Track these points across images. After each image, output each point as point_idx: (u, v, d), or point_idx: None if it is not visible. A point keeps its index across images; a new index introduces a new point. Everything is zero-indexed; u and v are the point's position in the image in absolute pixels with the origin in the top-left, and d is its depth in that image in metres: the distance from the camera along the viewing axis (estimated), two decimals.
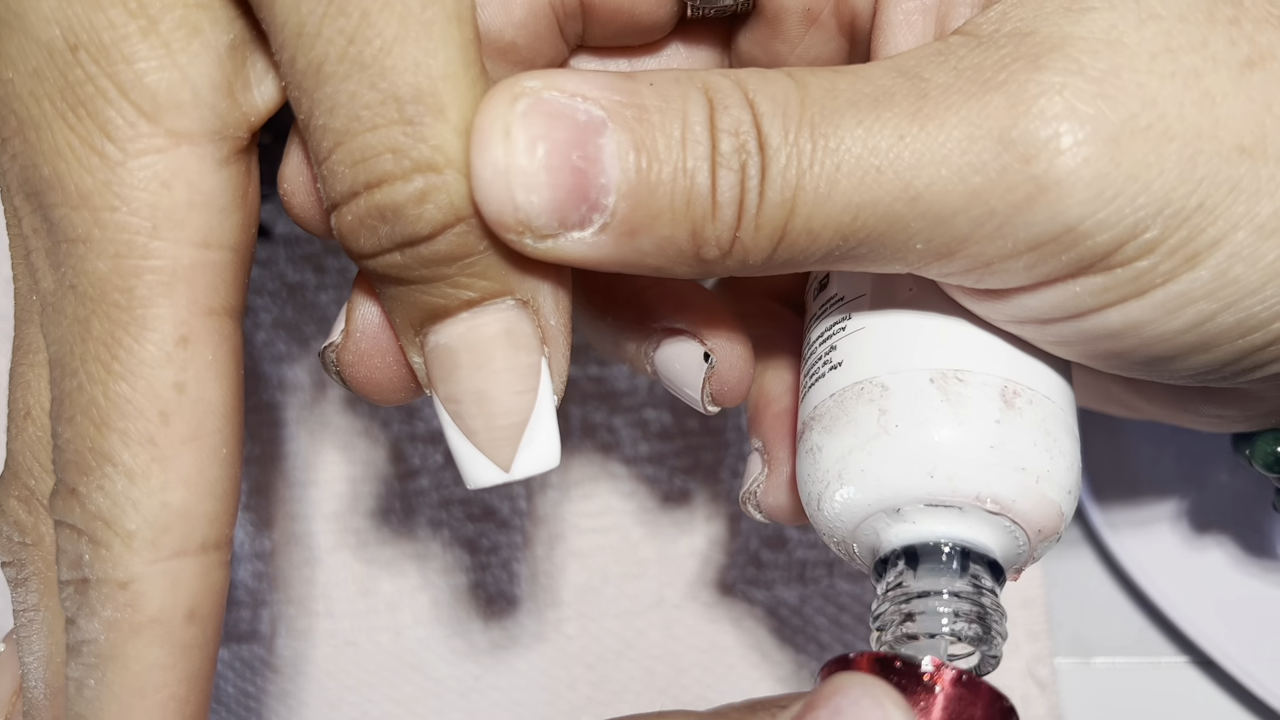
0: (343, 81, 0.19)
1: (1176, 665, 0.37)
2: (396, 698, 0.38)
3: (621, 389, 0.37)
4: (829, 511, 0.23)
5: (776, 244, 0.20)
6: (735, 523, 0.38)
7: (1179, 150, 0.19)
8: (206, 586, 0.21)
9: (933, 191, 0.19)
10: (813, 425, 0.23)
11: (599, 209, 0.19)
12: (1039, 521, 0.22)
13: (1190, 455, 0.37)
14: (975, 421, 0.21)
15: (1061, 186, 0.18)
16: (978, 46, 0.19)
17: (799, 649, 0.38)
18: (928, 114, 0.19)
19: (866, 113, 0.19)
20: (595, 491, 0.38)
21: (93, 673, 0.21)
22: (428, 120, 0.19)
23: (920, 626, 0.22)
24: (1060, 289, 0.20)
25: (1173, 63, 0.19)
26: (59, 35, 0.20)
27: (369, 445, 0.38)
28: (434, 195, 0.19)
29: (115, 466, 0.20)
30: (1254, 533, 0.36)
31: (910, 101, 0.19)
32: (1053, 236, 0.19)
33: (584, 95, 0.19)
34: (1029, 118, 0.18)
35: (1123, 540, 0.36)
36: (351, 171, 0.19)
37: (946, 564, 0.22)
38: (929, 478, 0.21)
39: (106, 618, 0.20)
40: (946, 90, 0.19)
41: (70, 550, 0.21)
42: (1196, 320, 0.20)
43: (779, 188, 0.19)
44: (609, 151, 0.19)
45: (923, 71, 0.19)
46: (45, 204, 0.21)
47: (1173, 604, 0.36)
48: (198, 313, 0.21)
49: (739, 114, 0.19)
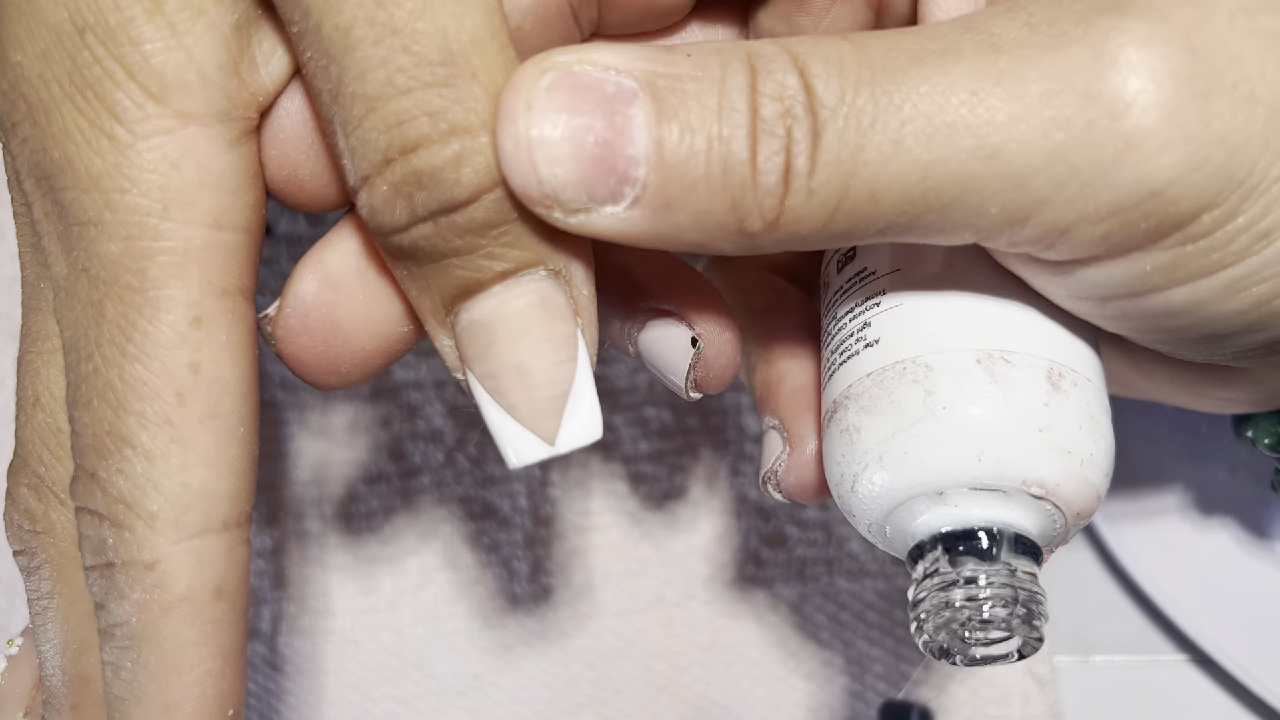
0: (374, 46, 0.19)
1: (1176, 663, 0.37)
2: (397, 695, 0.38)
3: (621, 387, 0.37)
4: (864, 493, 0.22)
5: (833, 212, 0.19)
6: (735, 520, 0.38)
7: (1266, 115, 0.18)
8: (231, 563, 0.21)
9: (1011, 148, 0.18)
10: (848, 405, 0.23)
11: (629, 181, 0.18)
12: (1079, 505, 0.22)
13: (1190, 454, 0.37)
14: (1024, 404, 0.21)
15: (1150, 145, 0.17)
16: (1046, 2, 0.18)
17: (798, 647, 0.38)
18: (1003, 68, 0.18)
19: (934, 69, 0.18)
20: (595, 489, 0.38)
21: (127, 655, 0.21)
22: (461, 83, 0.19)
23: (963, 615, 0.21)
24: (1129, 262, 0.19)
25: (1252, 22, 0.18)
26: (66, 18, 0.20)
27: (370, 444, 0.38)
28: (471, 158, 0.19)
29: (134, 449, 0.20)
30: (1254, 531, 0.36)
31: (982, 56, 0.18)
32: (1136, 201, 0.18)
33: (617, 68, 0.18)
34: (1115, 69, 0.17)
35: (1122, 538, 0.36)
36: (387, 136, 0.19)
37: (989, 549, 0.21)
38: (976, 461, 0.21)
39: (135, 599, 0.20)
40: (1021, 45, 0.18)
41: (93, 535, 0.21)
42: (1259, 300, 0.19)
43: (835, 150, 0.18)
44: (638, 122, 0.18)
45: (993, 27, 0.18)
46: (56, 187, 0.21)
47: (1172, 602, 0.36)
48: (210, 293, 0.21)
49: (784, 78, 0.18)
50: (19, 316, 0.38)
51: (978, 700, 0.37)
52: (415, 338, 0.23)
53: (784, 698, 0.38)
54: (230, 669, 0.21)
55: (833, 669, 0.38)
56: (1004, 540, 0.21)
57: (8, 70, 0.21)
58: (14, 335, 0.38)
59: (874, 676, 0.37)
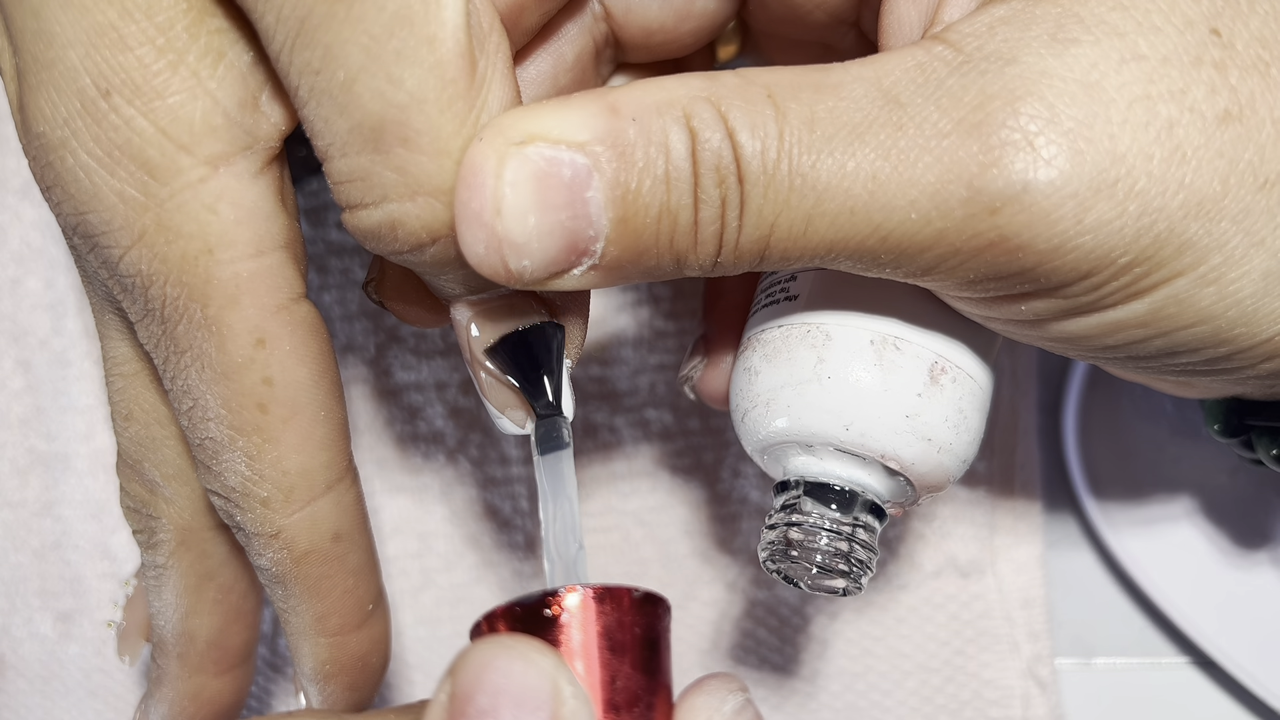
0: (316, 108, 0.20)
1: (1177, 666, 0.37)
2: (398, 698, 0.38)
3: (623, 389, 0.37)
4: (749, 427, 0.25)
5: (755, 262, 0.21)
6: (736, 523, 0.38)
7: (1140, 208, 0.19)
8: (341, 510, 0.24)
9: (901, 232, 0.20)
10: (755, 347, 0.25)
11: (589, 254, 0.20)
12: (930, 483, 0.25)
13: (1190, 456, 0.37)
14: (899, 391, 0.24)
15: (1022, 238, 0.19)
16: (959, 67, 0.20)
17: (800, 649, 0.38)
18: (902, 150, 0.19)
19: (841, 148, 0.19)
20: (596, 492, 0.38)
21: (276, 587, 0.25)
22: (396, 150, 0.19)
23: (800, 550, 0.25)
24: (1015, 304, 0.21)
25: (1149, 112, 0.19)
26: (90, 83, 0.21)
27: (371, 444, 0.38)
28: (405, 223, 0.20)
29: (234, 452, 0.23)
30: (1254, 533, 0.36)
31: (886, 134, 0.19)
32: (1007, 275, 0.20)
33: (567, 141, 0.19)
34: (998, 168, 0.19)
35: (1123, 540, 0.36)
36: (337, 189, 0.20)
37: (837, 499, 0.25)
38: (845, 429, 0.24)
39: (270, 557, 0.24)
40: (921, 124, 0.19)
41: (223, 509, 0.24)
42: (1129, 340, 0.21)
43: (754, 224, 0.20)
44: (596, 204, 0.19)
45: (901, 95, 0.20)
46: (100, 245, 0.22)
47: (1173, 605, 0.36)
48: (267, 313, 0.22)
49: (720, 147, 0.19)
50: (20, 318, 0.39)
51: (979, 702, 0.37)
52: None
53: (785, 699, 0.38)
54: (362, 580, 0.26)
55: (835, 669, 0.38)
56: (855, 499, 0.25)
57: (33, 140, 0.22)
58: (15, 336, 0.38)
59: (877, 675, 0.37)
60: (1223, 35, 0.20)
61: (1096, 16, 0.19)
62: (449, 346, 0.37)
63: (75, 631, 0.38)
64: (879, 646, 0.38)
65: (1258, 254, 0.20)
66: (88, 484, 0.38)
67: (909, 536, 0.38)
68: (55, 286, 0.38)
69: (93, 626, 0.38)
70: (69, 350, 0.37)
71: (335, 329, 0.37)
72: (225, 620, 0.28)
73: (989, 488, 0.37)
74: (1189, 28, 0.19)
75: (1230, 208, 0.19)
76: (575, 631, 0.18)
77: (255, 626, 0.29)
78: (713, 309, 0.29)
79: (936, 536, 0.37)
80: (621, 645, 0.18)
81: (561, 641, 0.18)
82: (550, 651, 0.17)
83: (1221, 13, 0.20)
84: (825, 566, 0.24)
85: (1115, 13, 0.19)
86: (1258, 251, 0.20)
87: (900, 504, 0.26)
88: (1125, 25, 0.19)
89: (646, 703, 0.18)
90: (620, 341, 0.37)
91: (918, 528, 0.37)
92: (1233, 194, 0.19)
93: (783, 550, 0.25)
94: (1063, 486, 0.37)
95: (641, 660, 0.19)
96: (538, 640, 0.18)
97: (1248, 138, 0.19)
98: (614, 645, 0.18)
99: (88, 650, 0.38)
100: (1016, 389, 0.37)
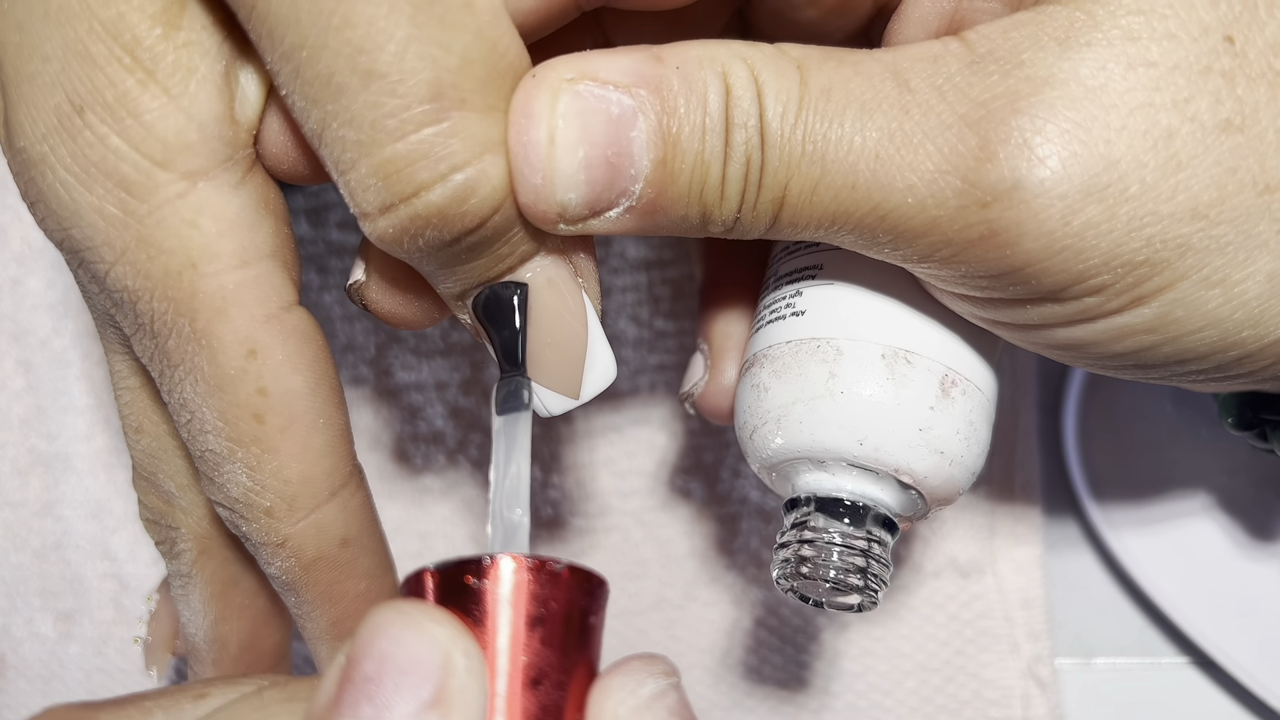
0: (359, 92, 0.19)
1: (1177, 666, 0.37)
2: None
3: (623, 389, 0.37)
4: (759, 444, 0.25)
5: (769, 226, 0.21)
6: (736, 523, 0.38)
7: (1131, 212, 0.19)
8: (348, 516, 0.24)
9: (898, 215, 0.20)
10: (763, 363, 0.25)
11: (628, 195, 0.20)
12: (941, 495, 0.25)
13: (1190, 456, 0.37)
14: (912, 405, 0.24)
15: (1010, 234, 0.20)
16: (970, 65, 0.20)
17: (800, 649, 0.38)
18: (906, 134, 0.20)
19: (850, 121, 0.20)
20: (596, 492, 0.38)
21: (289, 593, 0.25)
22: (454, 115, 0.19)
23: (813, 567, 0.24)
24: (1020, 309, 0.21)
25: (1149, 120, 0.19)
26: (64, 99, 0.20)
27: (372, 444, 0.38)
28: (476, 189, 0.20)
29: (234, 464, 0.23)
30: (1254, 533, 0.36)
31: (893, 116, 0.20)
32: (1001, 272, 0.20)
33: (615, 83, 0.20)
34: (995, 163, 0.19)
35: (1123, 541, 0.36)
36: (385, 183, 0.19)
37: (853, 517, 0.24)
38: (859, 444, 0.24)
39: (279, 566, 0.24)
40: (927, 112, 0.20)
41: (228, 520, 0.24)
42: (1138, 347, 0.21)
43: (770, 185, 0.21)
44: (639, 144, 0.20)
45: (911, 81, 0.20)
46: (86, 261, 0.22)
47: (1173, 605, 0.36)
48: (256, 323, 0.22)
49: (749, 107, 0.20)
50: (20, 318, 0.39)
51: (979, 702, 0.37)
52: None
53: (785, 699, 0.38)
54: (375, 583, 0.25)
55: (834, 669, 0.38)
56: (867, 513, 0.24)
57: (16, 155, 0.22)
58: (15, 336, 0.38)
59: (877, 675, 0.38)
60: (1236, 42, 0.20)
61: (1113, 20, 0.20)
62: (449, 346, 0.37)
63: (76, 631, 0.38)
64: (879, 646, 0.38)
65: (1262, 255, 0.20)
66: (88, 484, 0.38)
67: (909, 537, 0.38)
68: (56, 286, 0.38)
69: (93, 626, 0.38)
70: (69, 350, 0.37)
71: (335, 329, 0.37)
72: (255, 624, 0.28)
73: (989, 488, 0.37)
74: (1203, 35, 0.19)
75: (1229, 212, 0.19)
76: (491, 601, 0.17)
77: (286, 628, 0.28)
78: (708, 326, 0.29)
79: (936, 537, 0.37)
80: (539, 619, 0.18)
81: (476, 610, 0.17)
82: (449, 620, 0.17)
83: (1238, 19, 0.20)
84: (839, 582, 0.24)
85: (1132, 17, 0.20)
86: (1262, 253, 0.20)
87: (910, 517, 0.26)
88: (1140, 30, 0.19)
89: (557, 681, 0.17)
90: (620, 341, 0.37)
91: (918, 528, 0.37)
92: (1231, 199, 0.19)
93: (795, 568, 0.25)
94: (1063, 486, 0.37)
95: (558, 636, 0.18)
96: (436, 608, 0.17)
97: (1249, 146, 0.19)
98: (531, 619, 0.18)
99: (88, 650, 0.38)
100: (1016, 389, 0.37)
